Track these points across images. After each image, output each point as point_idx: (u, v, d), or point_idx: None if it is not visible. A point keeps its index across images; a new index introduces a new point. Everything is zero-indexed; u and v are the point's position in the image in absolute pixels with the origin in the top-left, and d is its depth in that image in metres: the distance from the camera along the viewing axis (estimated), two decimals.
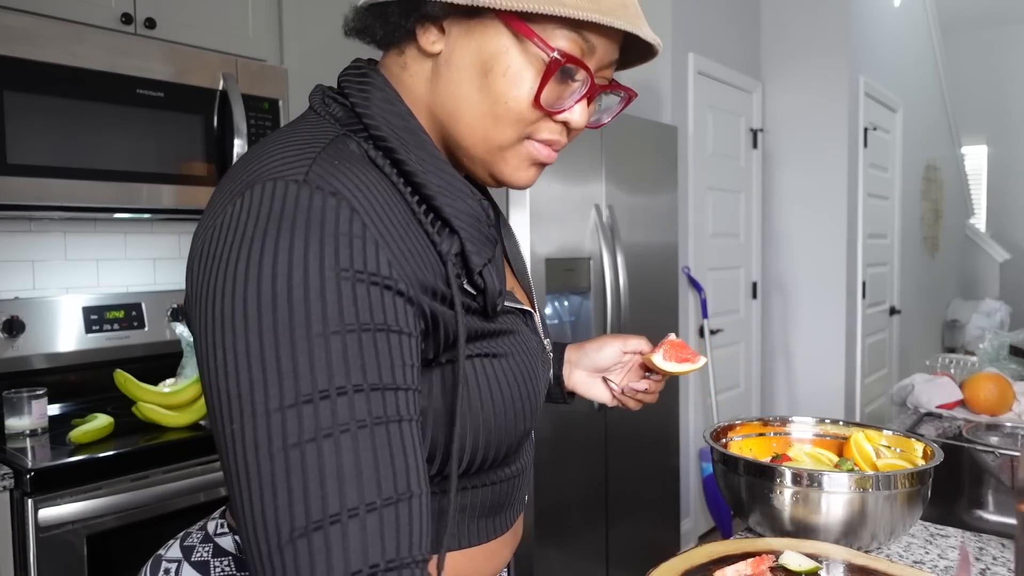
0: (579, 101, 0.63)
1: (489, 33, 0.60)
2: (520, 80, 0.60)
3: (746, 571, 0.82)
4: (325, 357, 0.49)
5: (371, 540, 0.47)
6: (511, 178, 0.66)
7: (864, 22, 4.11)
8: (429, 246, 0.59)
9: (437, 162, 0.62)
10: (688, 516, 3.46)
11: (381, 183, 0.58)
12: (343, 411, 0.49)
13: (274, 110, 2.07)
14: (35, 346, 1.88)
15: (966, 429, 1.42)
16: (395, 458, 0.50)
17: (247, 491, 0.48)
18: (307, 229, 0.50)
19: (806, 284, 3.99)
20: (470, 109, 0.62)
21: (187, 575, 0.70)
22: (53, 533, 1.45)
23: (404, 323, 0.54)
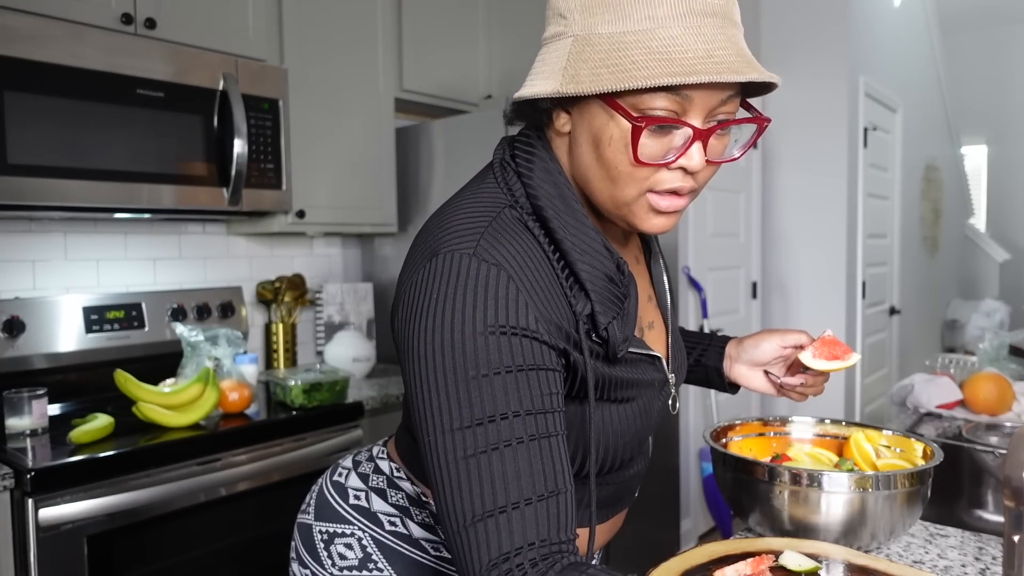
0: (687, 149, 0.70)
1: (593, 112, 0.71)
2: (620, 146, 0.70)
3: (746, 571, 0.83)
4: (491, 391, 0.67)
5: (529, 525, 0.64)
6: (642, 227, 0.76)
7: (864, 22, 4.11)
8: (567, 304, 0.73)
9: (581, 226, 0.75)
10: (688, 516, 3.46)
11: (533, 250, 0.73)
12: (506, 431, 0.66)
13: (274, 110, 2.07)
14: (35, 346, 1.88)
15: (966, 429, 1.42)
16: (545, 465, 0.67)
17: (441, 486, 0.67)
18: (475, 294, 0.68)
19: (806, 284, 3.99)
20: (594, 175, 0.74)
21: (352, 480, 0.94)
22: (53, 533, 1.45)
23: (549, 362, 0.70)
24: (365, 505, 0.91)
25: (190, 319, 2.18)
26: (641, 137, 0.69)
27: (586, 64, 0.69)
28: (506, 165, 0.79)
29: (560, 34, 0.72)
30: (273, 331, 2.43)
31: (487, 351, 0.66)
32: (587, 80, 0.68)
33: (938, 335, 6.22)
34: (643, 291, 0.90)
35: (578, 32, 0.70)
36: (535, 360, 0.68)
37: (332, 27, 2.30)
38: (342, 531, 0.90)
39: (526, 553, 0.64)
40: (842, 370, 0.95)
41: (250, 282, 2.45)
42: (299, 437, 1.86)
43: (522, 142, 0.80)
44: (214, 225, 2.37)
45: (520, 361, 0.67)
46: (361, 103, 2.39)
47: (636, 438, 0.84)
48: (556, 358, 0.71)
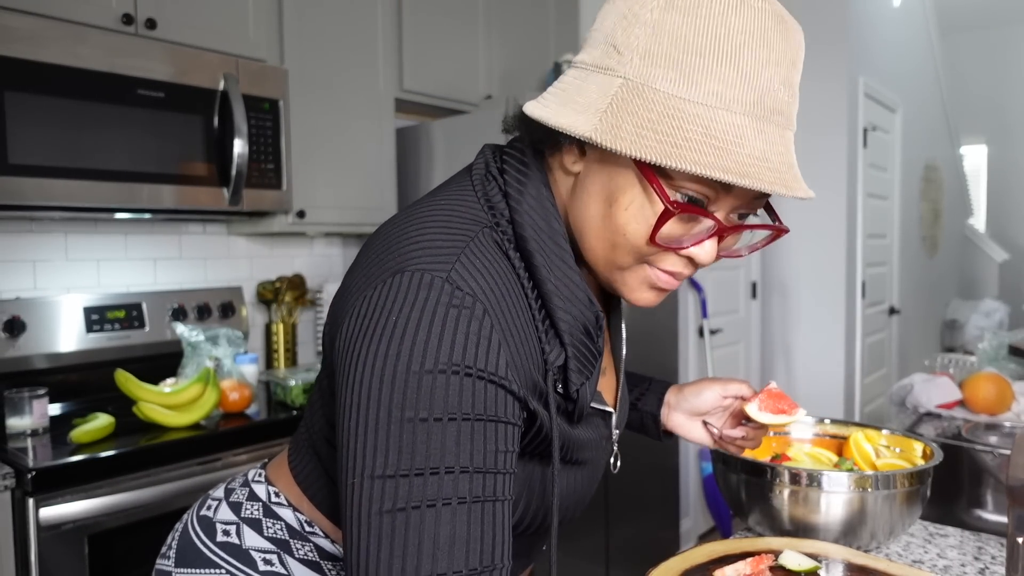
0: (704, 240, 0.65)
1: (618, 168, 0.63)
2: (640, 217, 0.63)
3: (745, 570, 0.83)
4: (440, 438, 0.56)
5: None
6: (628, 297, 0.69)
7: (864, 22, 4.11)
8: (539, 351, 0.65)
9: (567, 269, 0.67)
10: (688, 516, 3.46)
11: (511, 284, 0.64)
12: (447, 487, 0.56)
13: (274, 110, 2.08)
14: (36, 346, 1.88)
15: (965, 429, 1.42)
16: (485, 534, 0.57)
17: (354, 539, 0.56)
18: (443, 324, 0.57)
19: (806, 284, 3.99)
20: (594, 231, 0.66)
21: (222, 512, 0.81)
22: (54, 532, 1.45)
23: (511, 415, 0.60)
24: (235, 542, 0.78)
25: (190, 319, 2.18)
26: (665, 224, 0.62)
27: (632, 118, 0.59)
28: (490, 179, 0.70)
29: (609, 69, 0.62)
30: (273, 331, 2.43)
31: (445, 391, 0.56)
32: (629, 138, 0.59)
33: (937, 335, 6.22)
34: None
35: (631, 77, 0.60)
36: (496, 411, 0.59)
37: (332, 27, 2.30)
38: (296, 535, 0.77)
39: None
40: (787, 426, 0.91)
41: (250, 282, 2.45)
42: None
43: (514, 157, 0.70)
44: (214, 225, 2.37)
45: (480, 409, 0.58)
46: (361, 103, 2.39)
47: (581, 500, 0.76)
48: (519, 412, 0.61)
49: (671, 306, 3.00)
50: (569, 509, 0.75)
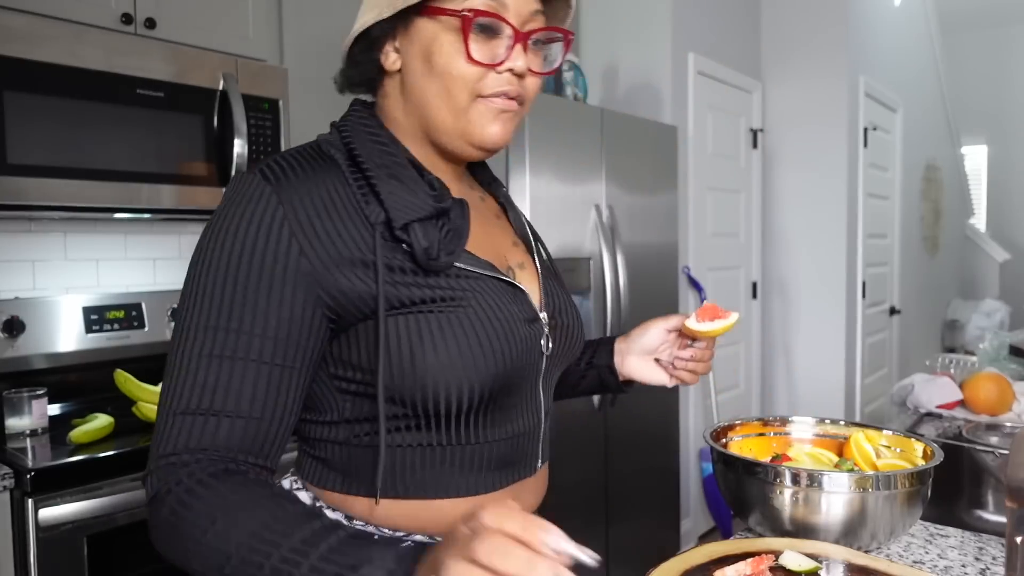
0: (512, 49, 0.75)
1: (420, 29, 0.75)
2: (451, 51, 0.74)
3: (746, 571, 0.83)
4: (244, 305, 0.69)
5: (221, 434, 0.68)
6: (481, 136, 0.77)
7: (864, 22, 4.11)
8: (360, 220, 0.73)
9: (388, 156, 0.77)
10: (688, 516, 3.46)
11: (328, 177, 0.74)
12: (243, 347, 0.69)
13: (274, 110, 2.07)
14: (35, 346, 1.88)
15: (966, 429, 1.42)
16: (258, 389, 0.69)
17: (171, 371, 0.70)
18: (244, 208, 0.71)
19: (806, 284, 3.99)
20: (429, 92, 0.76)
21: None
22: (53, 533, 1.45)
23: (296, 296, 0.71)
24: None
25: None
26: (470, 36, 0.72)
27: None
28: (331, 128, 0.83)
29: None
30: None
31: (229, 261, 0.70)
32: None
33: (938, 335, 6.22)
34: (505, 237, 0.89)
35: None
36: (272, 280, 0.70)
37: (332, 27, 2.30)
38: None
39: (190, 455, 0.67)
40: (725, 330, 0.96)
41: None
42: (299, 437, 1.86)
43: (346, 113, 0.84)
44: None
45: (255, 280, 0.69)
46: None
47: (489, 359, 0.74)
48: (304, 292, 0.70)
49: (671, 306, 3.00)
50: (459, 373, 0.73)
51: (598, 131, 2.58)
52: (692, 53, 3.38)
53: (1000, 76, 7.14)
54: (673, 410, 3.02)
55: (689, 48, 3.38)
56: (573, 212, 2.47)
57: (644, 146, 2.82)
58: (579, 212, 2.49)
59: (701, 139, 3.49)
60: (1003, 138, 7.21)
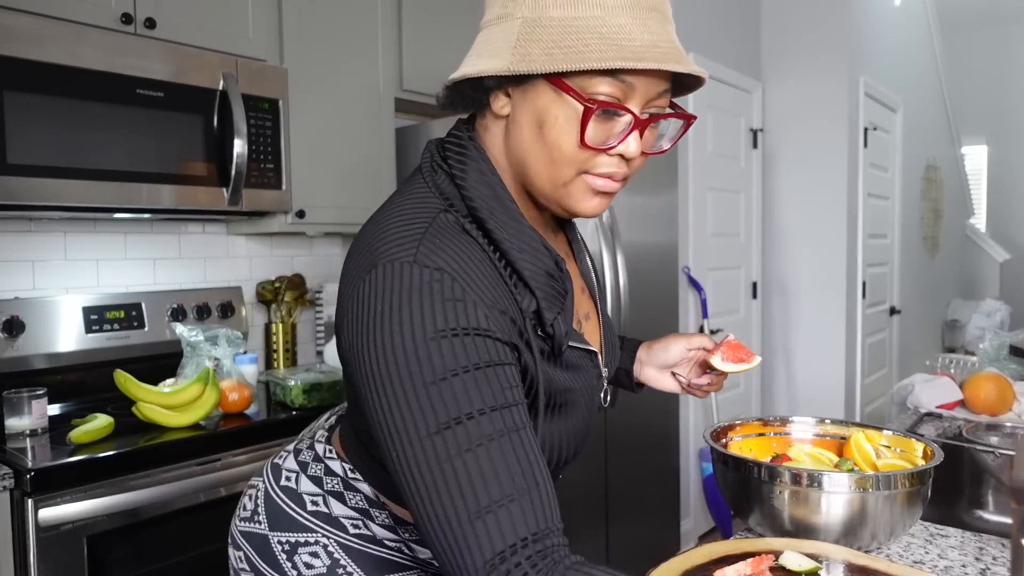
0: (627, 135, 0.73)
1: (539, 93, 0.73)
2: (566, 128, 0.72)
3: (746, 571, 0.82)
4: (451, 394, 0.65)
5: (517, 521, 0.64)
6: (577, 208, 0.77)
7: (864, 22, 4.11)
8: (513, 302, 0.74)
9: (519, 225, 0.77)
10: (688, 516, 3.46)
11: (473, 251, 0.73)
12: (475, 430, 0.65)
13: (274, 110, 2.07)
14: (35, 346, 1.88)
15: (966, 429, 1.42)
16: (519, 459, 0.66)
17: (419, 497, 0.65)
18: (421, 300, 0.67)
19: (806, 284, 3.99)
20: (534, 156, 0.75)
21: (304, 485, 0.90)
22: (53, 533, 1.45)
23: (504, 357, 0.70)
24: (325, 511, 0.87)
25: (190, 319, 2.18)
26: (589, 123, 0.71)
27: (538, 44, 0.70)
28: (436, 168, 0.79)
29: (507, 15, 0.73)
30: (273, 331, 2.43)
31: (441, 355, 0.66)
32: (539, 59, 0.70)
33: (938, 335, 6.22)
34: (576, 284, 0.91)
35: (527, 15, 0.71)
36: (490, 356, 0.68)
37: (332, 27, 2.30)
38: (305, 540, 0.86)
39: (521, 551, 0.63)
40: (746, 371, 1.05)
41: (250, 282, 2.45)
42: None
43: (452, 143, 0.80)
44: (214, 225, 2.37)
45: (476, 359, 0.67)
46: (361, 103, 2.39)
47: (577, 438, 0.85)
48: (510, 352, 0.71)
49: (671, 306, 2.99)
50: (567, 448, 0.83)
51: None
52: (692, 53, 3.38)
53: (1000, 76, 7.14)
54: (673, 410, 3.01)
55: (689, 48, 3.38)
56: None
57: None
58: None
59: (701, 139, 3.49)
60: (1003, 138, 7.21)
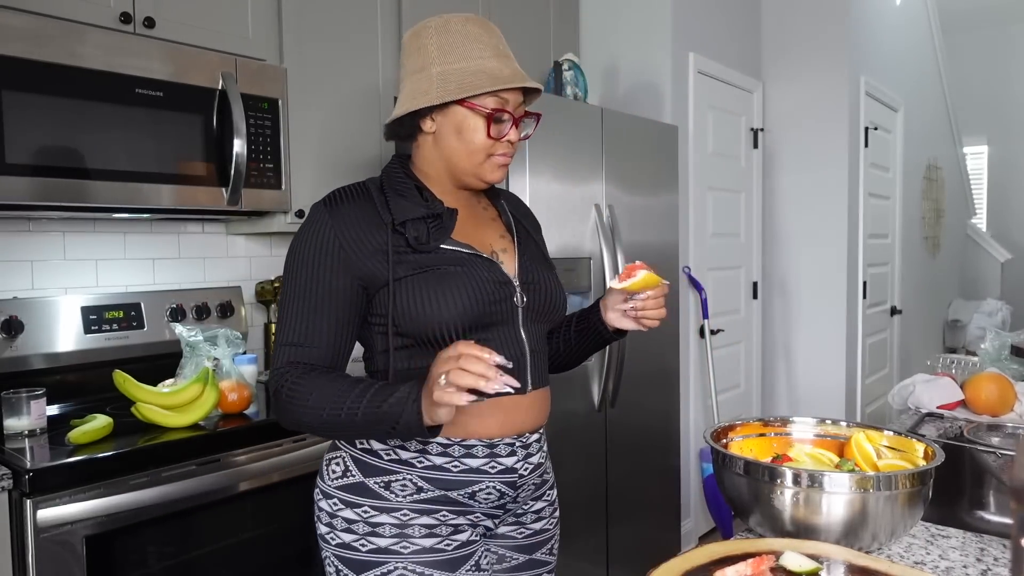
0: (511, 129, 1.19)
1: (455, 112, 1.17)
2: (477, 129, 1.17)
3: (746, 571, 0.82)
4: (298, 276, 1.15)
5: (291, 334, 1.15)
6: (491, 178, 1.22)
7: (865, 22, 4.10)
8: (381, 225, 1.15)
9: (402, 185, 1.20)
10: (688, 516, 3.45)
11: (363, 203, 1.17)
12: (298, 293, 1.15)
13: (273, 110, 2.07)
14: (34, 346, 1.88)
15: (967, 430, 1.41)
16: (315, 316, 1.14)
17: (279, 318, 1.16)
18: (311, 225, 1.16)
19: (807, 284, 3.98)
20: (457, 152, 1.19)
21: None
22: (52, 534, 1.45)
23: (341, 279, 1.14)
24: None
25: (189, 319, 2.18)
26: (491, 124, 1.16)
27: (450, 83, 1.14)
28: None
29: (424, 69, 1.17)
30: (272, 331, 2.43)
31: (304, 257, 1.14)
32: (454, 91, 1.14)
33: (939, 335, 6.22)
34: (494, 231, 1.27)
35: (438, 69, 1.16)
36: (324, 268, 1.13)
37: (332, 27, 2.30)
38: (334, 456, 1.22)
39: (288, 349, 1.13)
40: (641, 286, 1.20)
41: (249, 282, 2.45)
42: (299, 437, 1.86)
43: (388, 164, 1.26)
44: (213, 225, 2.37)
45: (314, 269, 1.13)
46: (361, 103, 2.39)
47: (469, 306, 1.13)
48: (344, 272, 1.12)
49: (672, 306, 2.99)
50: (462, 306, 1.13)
51: (598, 131, 2.58)
52: (692, 53, 3.38)
53: (1001, 76, 7.14)
54: (673, 410, 3.01)
55: (689, 48, 3.38)
56: (573, 212, 2.47)
57: (644, 146, 2.82)
58: (579, 212, 2.49)
59: (701, 139, 3.49)
60: (1004, 138, 7.20)
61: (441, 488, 1.15)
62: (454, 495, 1.16)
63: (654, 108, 3.27)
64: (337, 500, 1.19)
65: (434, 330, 1.12)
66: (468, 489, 1.16)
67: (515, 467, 1.19)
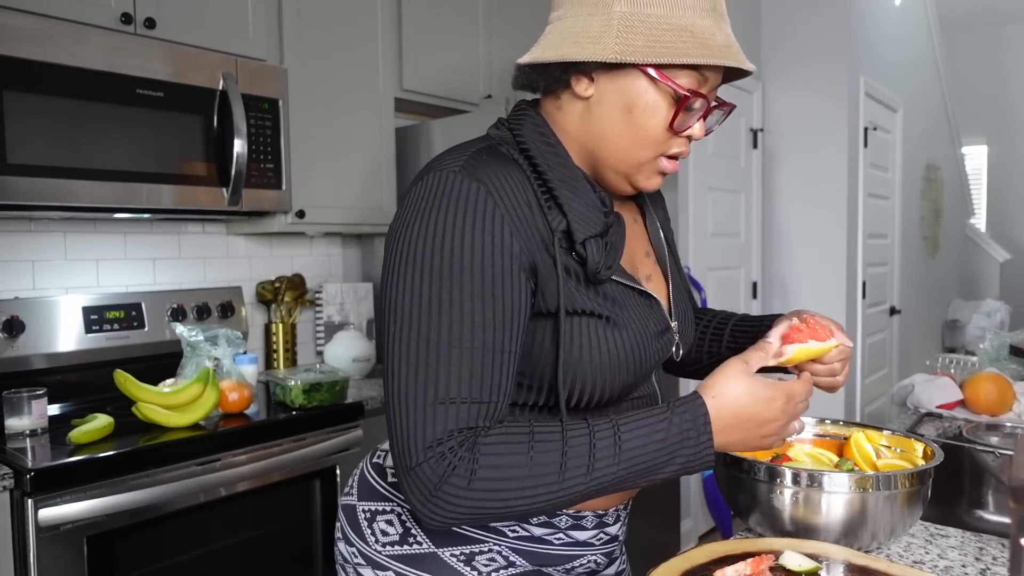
0: (699, 120, 0.83)
1: (630, 79, 0.80)
2: (656, 112, 0.80)
3: (746, 571, 0.82)
4: (459, 294, 0.74)
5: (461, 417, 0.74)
6: (644, 186, 0.87)
7: (864, 22, 4.11)
8: (544, 221, 0.80)
9: (565, 168, 0.83)
10: (688, 516, 3.46)
11: (514, 172, 0.80)
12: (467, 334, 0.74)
13: (274, 110, 2.07)
14: (35, 346, 1.88)
15: (966, 429, 1.42)
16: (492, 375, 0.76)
17: (400, 368, 0.76)
18: (458, 204, 0.75)
19: (806, 284, 3.99)
20: (616, 135, 0.82)
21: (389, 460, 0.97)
22: (53, 533, 1.45)
23: (515, 276, 0.77)
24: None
25: (190, 319, 2.18)
26: (681, 110, 0.80)
27: (639, 37, 0.77)
28: (499, 125, 0.88)
29: (601, 6, 0.79)
30: (273, 331, 2.43)
31: (462, 257, 0.74)
32: (642, 51, 0.77)
33: (939, 335, 6.22)
34: (639, 247, 0.96)
35: (625, 9, 0.78)
36: (503, 272, 0.76)
37: (332, 27, 2.30)
38: (383, 508, 0.93)
39: (456, 436, 0.74)
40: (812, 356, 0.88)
41: (250, 282, 2.45)
42: (299, 437, 1.86)
43: (515, 111, 0.89)
44: (214, 225, 2.37)
45: (490, 273, 0.75)
46: (361, 103, 2.39)
47: (627, 369, 0.84)
48: (525, 277, 0.78)
49: None
50: (609, 372, 0.83)
51: None
52: None
53: (1001, 76, 7.14)
54: None
55: None
56: None
57: None
58: None
59: (701, 139, 3.48)
60: (1004, 138, 7.21)
61: (535, 563, 0.91)
62: (548, 570, 0.92)
63: None
64: (394, 574, 0.90)
65: (583, 392, 0.83)
66: (568, 564, 0.93)
67: (617, 535, 0.98)
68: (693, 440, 0.75)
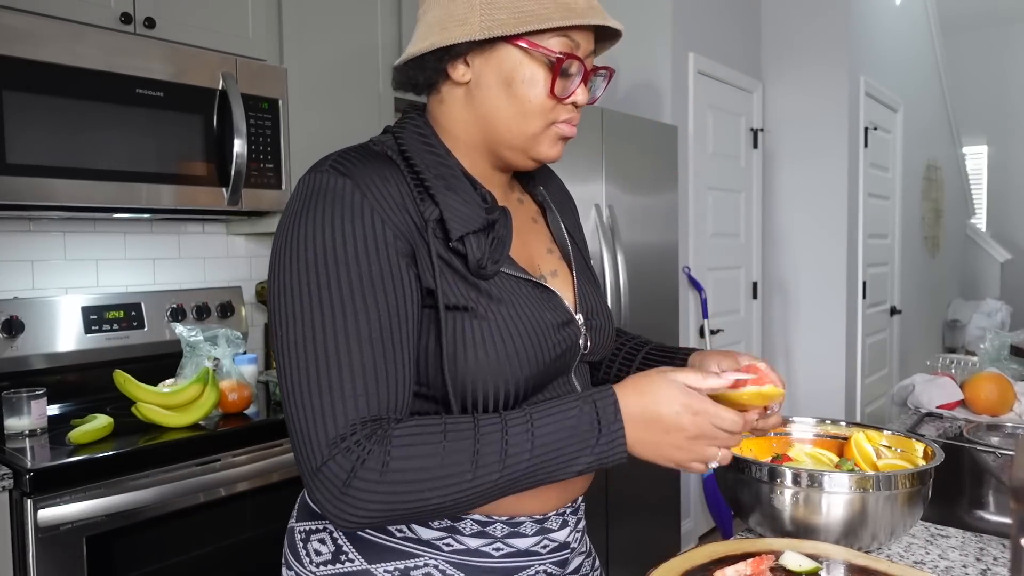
0: (580, 85, 0.83)
1: (503, 55, 0.81)
2: (535, 82, 0.81)
3: (746, 571, 0.82)
4: (339, 287, 0.74)
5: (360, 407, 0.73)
6: (546, 156, 0.86)
7: (864, 22, 4.10)
8: (417, 212, 0.79)
9: (443, 167, 0.83)
10: (688, 516, 3.46)
11: (387, 170, 0.79)
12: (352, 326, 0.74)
13: (274, 110, 2.07)
14: (34, 346, 1.88)
15: (967, 429, 1.42)
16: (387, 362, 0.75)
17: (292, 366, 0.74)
18: (325, 201, 0.75)
19: (806, 284, 3.99)
20: (503, 113, 0.82)
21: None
22: (52, 533, 1.45)
23: (394, 263, 0.76)
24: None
25: (189, 319, 2.18)
26: (557, 75, 0.80)
27: (502, 11, 0.78)
28: (385, 132, 0.87)
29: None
30: None
31: (335, 250, 0.74)
32: (508, 23, 0.78)
33: (939, 335, 6.22)
34: (540, 244, 0.94)
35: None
36: (379, 260, 0.75)
37: (332, 27, 2.30)
38: (315, 528, 0.89)
39: (360, 429, 0.72)
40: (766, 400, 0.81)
41: (250, 282, 2.45)
42: None
43: (400, 119, 0.89)
44: (213, 225, 2.37)
45: (365, 262, 0.74)
46: (361, 103, 2.39)
47: (521, 361, 0.80)
48: (405, 263, 0.76)
49: (672, 306, 2.99)
50: (506, 369, 0.79)
51: (598, 131, 2.58)
52: (692, 53, 3.38)
53: (1001, 76, 7.14)
54: None
55: (689, 48, 3.38)
56: None
57: (644, 146, 2.82)
58: (579, 212, 2.49)
59: (701, 139, 3.49)
60: (1004, 138, 7.21)
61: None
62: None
63: (654, 108, 3.27)
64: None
65: (477, 394, 0.79)
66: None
67: (567, 541, 0.91)
68: (604, 428, 0.74)
